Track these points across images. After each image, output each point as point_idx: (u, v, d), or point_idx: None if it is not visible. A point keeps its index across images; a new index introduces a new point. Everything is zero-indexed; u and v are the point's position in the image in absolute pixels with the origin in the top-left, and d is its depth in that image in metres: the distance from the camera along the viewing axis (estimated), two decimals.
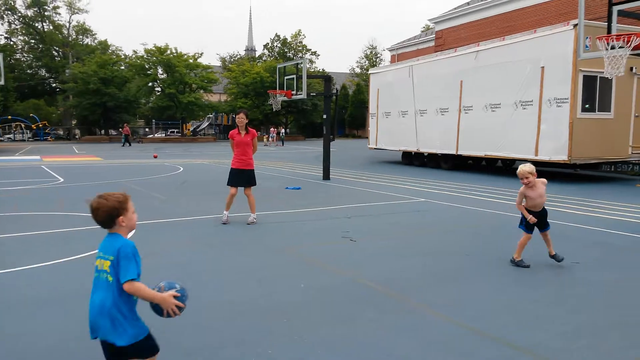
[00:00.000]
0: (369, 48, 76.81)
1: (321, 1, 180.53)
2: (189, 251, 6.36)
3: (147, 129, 61.36)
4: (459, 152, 17.47)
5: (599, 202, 10.37)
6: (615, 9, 7.35)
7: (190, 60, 51.11)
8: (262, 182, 13.70)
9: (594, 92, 13.68)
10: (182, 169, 18.58)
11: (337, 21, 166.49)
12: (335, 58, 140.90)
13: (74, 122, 58.92)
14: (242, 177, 8.28)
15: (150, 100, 55.15)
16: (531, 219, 5.49)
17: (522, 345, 3.62)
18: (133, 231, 2.71)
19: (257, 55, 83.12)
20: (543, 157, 14.25)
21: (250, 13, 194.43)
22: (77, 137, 54.75)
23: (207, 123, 60.70)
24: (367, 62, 74.93)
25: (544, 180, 5.61)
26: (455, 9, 29.86)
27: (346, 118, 63.39)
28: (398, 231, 7.74)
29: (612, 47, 7.25)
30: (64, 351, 3.54)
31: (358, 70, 75.59)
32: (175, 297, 2.53)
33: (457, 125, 17.41)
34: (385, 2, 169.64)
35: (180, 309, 2.55)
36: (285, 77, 15.74)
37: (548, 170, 17.12)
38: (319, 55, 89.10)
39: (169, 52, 49.97)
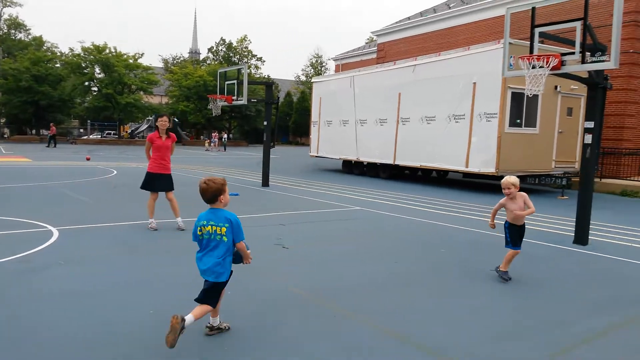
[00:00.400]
0: (315, 57, 77.65)
1: (270, 8, 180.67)
2: (115, 258, 6.18)
3: (81, 130, 58.94)
4: (396, 162, 17.91)
5: None
6: (537, 30, 7.81)
7: (130, 61, 49.65)
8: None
9: (521, 108, 14.40)
10: (115, 172, 17.99)
11: (284, 29, 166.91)
12: (282, 65, 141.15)
13: (2, 120, 55.72)
14: (161, 182, 8.18)
15: (86, 100, 53.03)
16: (490, 224, 5.78)
17: (442, 349, 3.79)
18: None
19: (201, 59, 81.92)
20: (473, 169, 14.86)
21: (195, 15, 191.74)
22: (5, 136, 51.80)
23: (147, 125, 58.79)
24: (312, 70, 75.60)
25: (525, 194, 5.71)
26: (396, 22, 30.65)
27: (290, 125, 63.47)
28: (331, 239, 7.86)
29: (533, 67, 7.67)
30: None
31: (303, 78, 76.11)
32: None
33: (395, 136, 17.86)
34: (333, 13, 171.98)
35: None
36: (227, 82, 15.54)
37: (478, 182, 17.88)
38: (264, 61, 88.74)
39: (107, 51, 48.35)
